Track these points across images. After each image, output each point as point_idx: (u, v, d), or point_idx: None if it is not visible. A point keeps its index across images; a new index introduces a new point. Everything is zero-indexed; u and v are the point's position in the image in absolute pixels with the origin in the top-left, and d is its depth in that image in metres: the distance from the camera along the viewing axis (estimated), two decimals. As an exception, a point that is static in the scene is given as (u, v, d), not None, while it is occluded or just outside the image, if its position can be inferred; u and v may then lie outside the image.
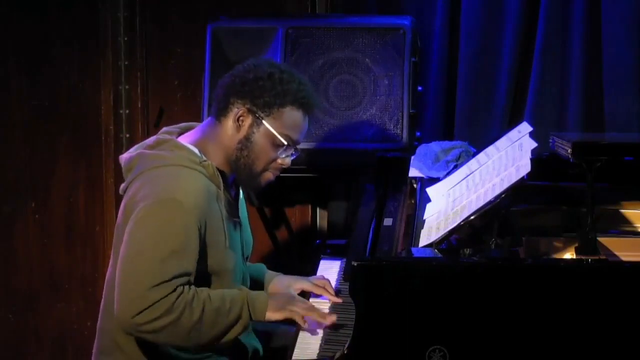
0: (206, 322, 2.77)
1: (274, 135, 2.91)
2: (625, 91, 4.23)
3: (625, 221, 3.26)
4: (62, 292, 4.55)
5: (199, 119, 3.79)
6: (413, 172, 3.64)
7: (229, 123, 2.92)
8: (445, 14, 4.35)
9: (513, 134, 3.12)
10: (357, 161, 3.89)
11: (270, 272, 3.22)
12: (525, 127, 3.09)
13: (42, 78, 4.46)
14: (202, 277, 2.87)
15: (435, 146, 3.69)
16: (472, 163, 3.22)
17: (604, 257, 2.71)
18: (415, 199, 3.39)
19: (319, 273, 3.33)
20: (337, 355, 2.61)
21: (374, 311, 2.58)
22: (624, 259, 2.93)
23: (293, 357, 2.74)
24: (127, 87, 4.44)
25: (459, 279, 2.59)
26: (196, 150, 2.91)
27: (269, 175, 2.97)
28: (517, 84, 4.34)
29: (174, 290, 2.74)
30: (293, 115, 2.92)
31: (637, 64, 4.22)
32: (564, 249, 3.00)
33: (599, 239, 2.82)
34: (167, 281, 2.73)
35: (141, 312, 2.71)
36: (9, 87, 4.47)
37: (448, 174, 3.41)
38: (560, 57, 4.29)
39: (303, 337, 2.83)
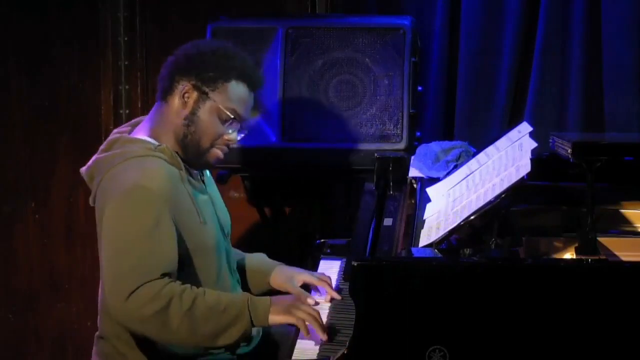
0: (197, 316, 2.75)
1: (220, 110, 2.94)
2: (625, 91, 4.23)
3: (625, 221, 3.26)
4: (62, 292, 4.55)
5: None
6: (413, 172, 3.64)
7: (175, 101, 2.96)
8: (445, 14, 4.35)
9: (513, 134, 3.12)
10: (357, 161, 3.89)
11: (270, 260, 3.23)
12: (525, 127, 3.09)
13: (42, 78, 4.47)
14: (186, 258, 2.88)
15: (435, 146, 3.69)
16: (472, 163, 3.22)
17: (604, 257, 2.70)
18: (415, 199, 3.39)
19: (319, 272, 3.33)
20: (337, 355, 2.61)
21: (374, 311, 2.58)
22: (624, 259, 2.93)
23: (293, 357, 2.74)
24: (127, 87, 4.44)
25: (459, 279, 2.59)
26: (149, 139, 2.94)
27: (217, 152, 2.99)
28: (517, 84, 4.34)
29: (161, 276, 2.75)
30: (238, 89, 2.96)
31: (637, 64, 4.21)
32: (564, 249, 3.00)
33: (599, 239, 2.82)
34: (151, 265, 2.75)
35: (130, 295, 2.72)
36: (9, 87, 4.47)
37: (448, 174, 3.41)
38: (560, 57, 4.29)
39: (303, 337, 2.83)
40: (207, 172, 3.12)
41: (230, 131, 2.97)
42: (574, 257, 2.85)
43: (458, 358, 2.56)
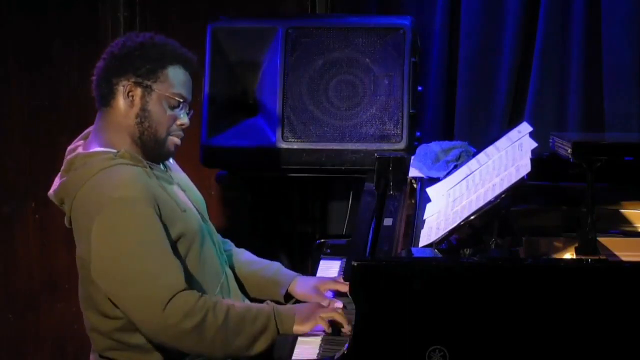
0: (231, 328, 2.77)
1: (167, 97, 2.96)
2: (625, 91, 4.23)
3: (625, 221, 3.26)
4: (62, 292, 4.55)
5: (198, 118, 3.79)
6: (413, 172, 3.64)
7: (120, 103, 2.96)
8: (445, 14, 4.35)
9: (513, 134, 3.12)
10: (357, 161, 3.89)
11: (287, 271, 3.22)
12: (525, 127, 3.09)
13: (42, 78, 4.46)
14: (174, 249, 2.87)
15: (435, 146, 3.69)
16: (472, 163, 3.22)
17: (604, 257, 2.70)
18: (415, 199, 3.39)
19: (319, 273, 3.33)
20: (337, 355, 2.61)
21: (374, 311, 2.58)
22: (624, 259, 2.92)
23: (293, 357, 2.74)
24: (127, 87, 4.44)
25: (459, 279, 2.59)
26: (106, 150, 2.93)
27: (175, 140, 3.01)
28: (517, 84, 4.34)
29: (187, 289, 2.76)
30: (176, 73, 2.98)
31: (637, 64, 4.21)
32: (564, 249, 3.00)
33: (599, 239, 2.82)
34: (168, 272, 2.76)
35: (164, 309, 2.73)
36: (9, 87, 4.47)
37: (448, 174, 3.40)
38: (560, 57, 4.29)
39: (303, 337, 2.83)
40: (171, 160, 3.13)
41: (181, 115, 3.00)
42: (574, 257, 2.85)
43: (458, 358, 2.56)
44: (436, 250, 2.81)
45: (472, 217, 2.81)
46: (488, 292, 2.58)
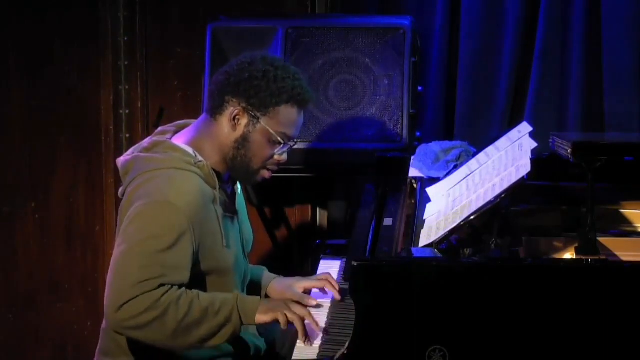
0: (192, 321, 2.75)
1: (271, 134, 2.90)
2: (625, 91, 4.23)
3: (625, 221, 3.26)
4: (62, 292, 4.55)
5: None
6: (413, 172, 3.64)
7: (224, 121, 2.91)
8: (445, 14, 4.35)
9: (513, 134, 3.12)
10: (357, 161, 3.89)
11: (269, 273, 3.21)
12: (525, 127, 3.09)
13: (42, 78, 4.46)
14: (202, 277, 2.86)
15: (435, 146, 3.69)
16: (472, 163, 3.22)
17: (604, 257, 2.71)
18: (415, 199, 3.39)
19: (319, 273, 3.32)
20: (337, 355, 2.61)
21: (374, 311, 2.58)
22: (624, 259, 2.93)
23: (293, 357, 2.74)
24: (127, 87, 4.44)
25: (459, 279, 2.59)
26: (190, 151, 2.90)
27: (266, 173, 2.97)
28: (517, 84, 4.34)
29: (159, 287, 2.73)
30: (288, 112, 2.91)
31: (637, 64, 4.22)
32: (564, 249, 3.00)
33: (599, 239, 2.82)
34: (152, 278, 2.72)
35: (123, 305, 2.70)
36: (9, 87, 4.47)
37: (448, 174, 3.41)
38: (560, 57, 4.30)
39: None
40: (239, 188, 3.10)
41: (280, 152, 2.95)
42: (574, 257, 2.85)
43: (458, 358, 2.56)
44: (436, 250, 2.81)
45: (472, 217, 2.81)
46: (488, 292, 2.58)
